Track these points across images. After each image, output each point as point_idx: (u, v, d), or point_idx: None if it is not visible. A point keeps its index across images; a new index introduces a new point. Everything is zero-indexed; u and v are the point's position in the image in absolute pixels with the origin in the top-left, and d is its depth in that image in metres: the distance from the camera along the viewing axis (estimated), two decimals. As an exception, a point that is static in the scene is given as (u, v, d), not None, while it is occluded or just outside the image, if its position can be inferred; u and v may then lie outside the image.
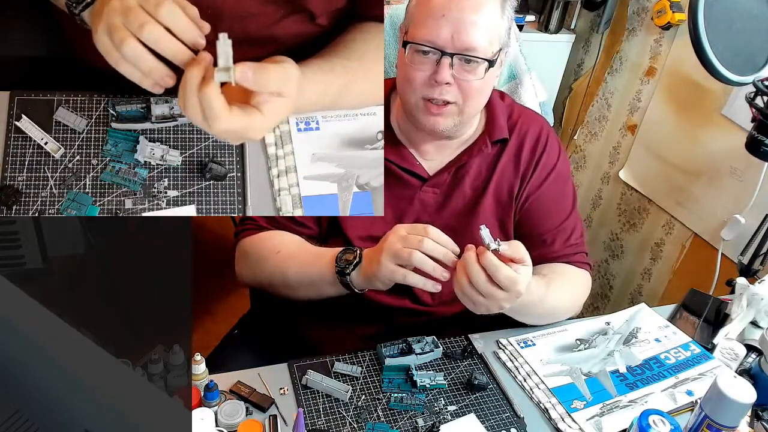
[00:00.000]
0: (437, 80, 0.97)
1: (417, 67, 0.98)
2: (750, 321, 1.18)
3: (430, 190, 1.12)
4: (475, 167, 1.13)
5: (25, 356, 0.55)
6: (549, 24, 2.28)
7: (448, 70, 0.97)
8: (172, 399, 0.60)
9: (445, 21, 0.95)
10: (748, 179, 1.68)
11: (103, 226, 1.44)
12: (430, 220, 1.10)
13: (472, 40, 0.96)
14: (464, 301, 0.92)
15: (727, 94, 1.75)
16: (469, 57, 0.97)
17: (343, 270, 0.98)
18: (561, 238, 1.18)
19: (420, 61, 0.98)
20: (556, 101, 2.44)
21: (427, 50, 0.97)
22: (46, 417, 0.56)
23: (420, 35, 0.97)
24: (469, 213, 1.13)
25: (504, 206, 1.15)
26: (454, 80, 0.98)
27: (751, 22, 1.30)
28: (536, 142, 1.15)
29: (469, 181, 1.13)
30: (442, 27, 0.95)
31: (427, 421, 0.92)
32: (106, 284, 1.55)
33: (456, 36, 0.95)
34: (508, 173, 1.14)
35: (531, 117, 1.19)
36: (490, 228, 1.12)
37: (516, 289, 0.90)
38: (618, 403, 0.99)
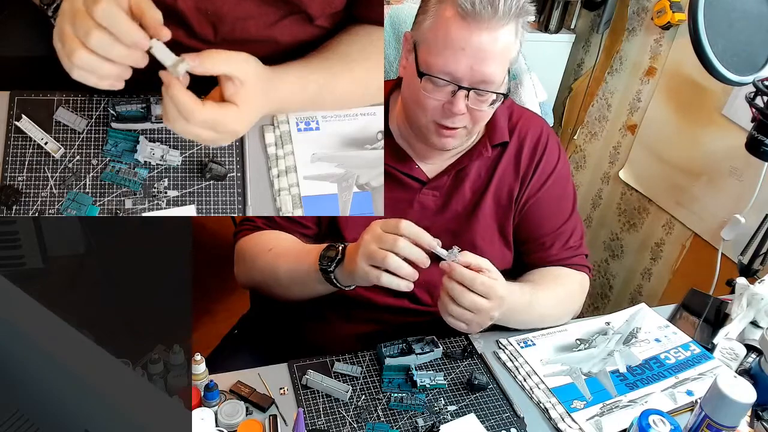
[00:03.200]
0: (452, 111, 0.97)
1: (431, 96, 0.97)
2: (750, 321, 1.18)
3: (429, 193, 1.12)
4: (475, 170, 1.13)
5: (25, 356, 0.55)
6: (549, 24, 2.28)
7: (464, 101, 0.96)
8: (172, 399, 0.60)
9: (464, 54, 0.92)
10: (748, 179, 1.68)
11: (103, 226, 1.44)
12: (429, 223, 1.10)
13: (490, 73, 0.94)
14: (456, 325, 0.95)
15: (727, 94, 1.75)
16: (486, 91, 0.96)
17: (326, 268, 0.97)
18: (560, 241, 1.18)
19: (434, 90, 0.96)
20: (556, 101, 2.44)
21: (443, 81, 0.95)
22: (46, 417, 0.56)
23: (437, 66, 0.94)
24: (469, 216, 1.13)
25: (504, 209, 1.15)
26: (467, 109, 0.98)
27: (751, 22, 1.30)
28: (536, 145, 1.15)
29: (468, 184, 1.13)
30: (461, 60, 0.93)
31: (427, 421, 0.92)
32: (106, 284, 1.55)
33: (475, 69, 0.93)
34: (508, 176, 1.14)
35: (530, 118, 1.19)
36: (490, 231, 1.13)
37: (497, 295, 0.93)
38: (618, 403, 0.99)
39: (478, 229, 1.13)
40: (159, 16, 0.77)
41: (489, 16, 0.91)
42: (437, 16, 0.94)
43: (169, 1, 0.86)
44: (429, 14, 0.96)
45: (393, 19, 1.33)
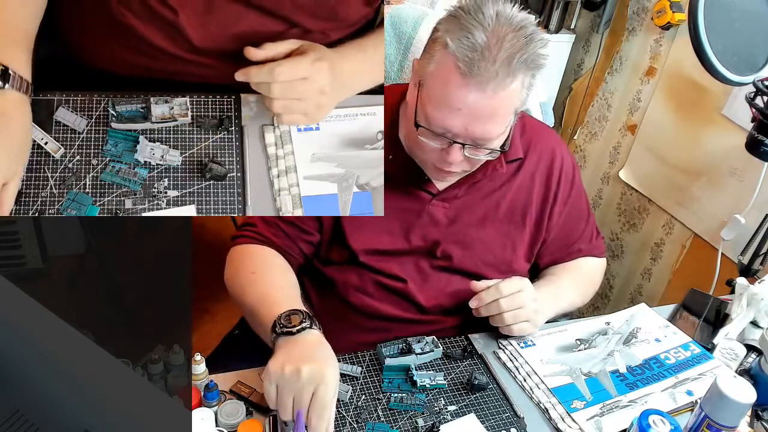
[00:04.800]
0: (448, 161, 0.96)
1: (428, 142, 0.95)
2: (750, 321, 1.17)
3: (439, 204, 1.10)
4: (489, 185, 1.12)
5: (25, 356, 0.56)
6: (549, 24, 2.27)
7: (460, 153, 0.95)
8: (172, 399, 0.60)
9: (461, 114, 0.90)
10: (748, 179, 1.67)
11: (103, 226, 1.44)
12: (438, 234, 1.10)
13: (487, 132, 0.92)
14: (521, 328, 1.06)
15: (727, 94, 1.75)
16: (482, 147, 0.95)
17: (276, 330, 0.86)
18: (585, 242, 1.24)
19: (431, 138, 0.94)
20: (556, 101, 2.43)
21: (439, 134, 0.94)
22: (46, 417, 0.56)
23: (435, 120, 0.92)
24: (478, 229, 1.12)
25: (516, 225, 1.14)
26: (464, 158, 0.97)
27: (751, 22, 1.30)
28: (552, 161, 1.15)
29: (480, 198, 1.12)
30: (456, 119, 0.90)
31: (427, 421, 0.92)
32: (106, 284, 1.55)
33: (470, 129, 0.91)
34: (522, 192, 1.14)
35: (541, 131, 1.20)
36: (500, 246, 1.15)
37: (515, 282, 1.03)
38: (618, 403, 0.99)
39: (487, 242, 1.12)
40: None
41: (490, 77, 0.87)
42: (440, 63, 0.90)
43: (170, 17, 0.86)
44: (434, 59, 0.92)
45: (393, 19, 1.33)
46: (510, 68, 0.87)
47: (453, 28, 0.89)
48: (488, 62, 0.86)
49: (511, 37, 0.87)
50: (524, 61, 0.88)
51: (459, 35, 0.87)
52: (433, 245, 1.10)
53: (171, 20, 0.87)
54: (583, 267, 1.25)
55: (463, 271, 1.12)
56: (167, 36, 0.89)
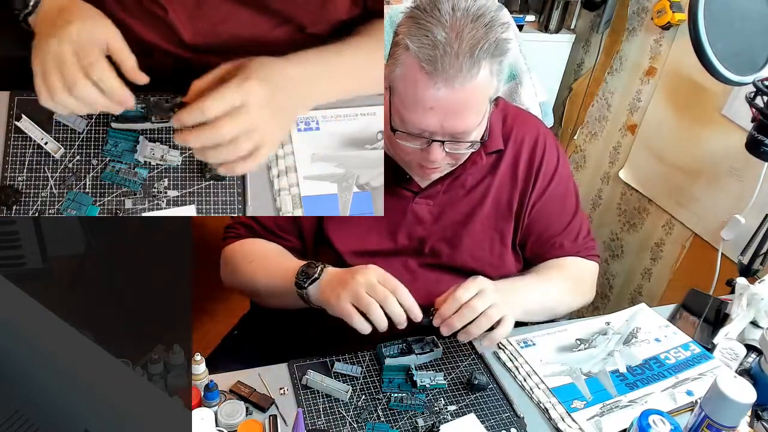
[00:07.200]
0: (429, 159, 0.96)
1: (407, 143, 0.95)
2: (750, 321, 1.17)
3: (423, 202, 1.10)
4: (471, 178, 1.11)
5: (25, 356, 0.55)
6: (549, 24, 2.28)
7: (440, 150, 0.94)
8: (172, 399, 0.60)
9: (434, 113, 0.89)
10: (748, 179, 1.68)
11: (103, 226, 1.44)
12: (424, 232, 1.10)
13: (464, 125, 0.92)
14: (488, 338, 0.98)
15: (727, 94, 1.75)
16: (461, 141, 0.95)
17: (301, 283, 0.97)
18: (569, 239, 1.20)
19: (410, 139, 0.94)
20: (556, 101, 2.44)
21: (416, 135, 0.93)
22: (46, 417, 0.56)
23: (410, 122, 0.92)
24: (465, 224, 1.11)
25: (502, 216, 1.13)
26: (446, 153, 0.96)
27: (750, 22, 1.30)
28: (533, 150, 1.14)
29: (463, 193, 1.11)
30: (431, 118, 0.90)
31: (427, 421, 0.92)
32: (106, 284, 1.55)
33: (446, 125, 0.91)
34: (505, 183, 1.13)
35: (526, 121, 1.18)
36: (488, 239, 1.13)
37: (481, 286, 0.97)
38: (618, 403, 0.99)
39: (475, 237, 1.12)
40: (134, 63, 0.80)
41: (455, 72, 0.86)
42: (404, 66, 0.90)
43: (160, 13, 0.86)
44: (398, 62, 0.91)
45: (393, 19, 1.33)
46: (474, 59, 0.87)
47: (412, 29, 0.89)
48: (451, 57, 0.86)
49: (470, 28, 0.87)
50: (487, 49, 0.87)
51: (418, 35, 0.87)
52: (420, 243, 1.10)
53: (161, 17, 0.87)
54: (568, 264, 1.20)
55: (453, 267, 1.11)
56: (159, 33, 0.89)
